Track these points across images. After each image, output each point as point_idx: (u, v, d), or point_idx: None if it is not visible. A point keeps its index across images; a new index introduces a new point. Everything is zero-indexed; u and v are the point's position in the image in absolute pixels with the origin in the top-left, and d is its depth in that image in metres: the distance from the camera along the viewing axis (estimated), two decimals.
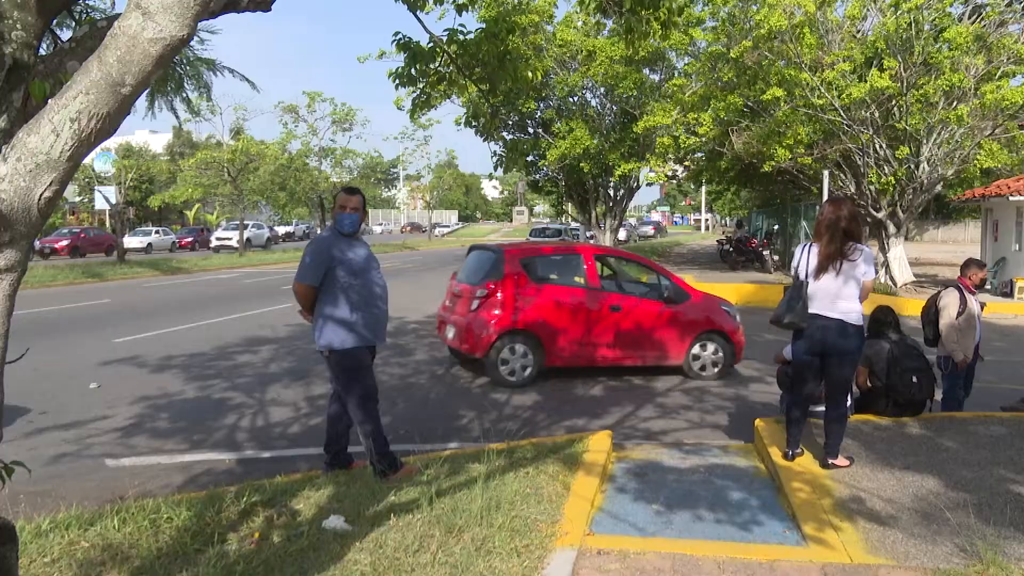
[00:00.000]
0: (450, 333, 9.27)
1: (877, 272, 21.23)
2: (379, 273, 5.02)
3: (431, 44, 5.58)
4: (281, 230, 56.93)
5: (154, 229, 45.11)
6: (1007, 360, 10.62)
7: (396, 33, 5.66)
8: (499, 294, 8.80)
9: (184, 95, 7.14)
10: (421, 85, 5.91)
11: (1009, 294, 18.97)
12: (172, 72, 6.25)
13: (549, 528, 3.99)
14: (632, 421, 7.43)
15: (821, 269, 4.96)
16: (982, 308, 7.00)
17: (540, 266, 9.42)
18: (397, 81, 5.87)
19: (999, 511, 4.18)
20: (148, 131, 63.49)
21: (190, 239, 45.98)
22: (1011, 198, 19.45)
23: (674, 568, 3.62)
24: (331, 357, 4.89)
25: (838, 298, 4.94)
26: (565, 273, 9.60)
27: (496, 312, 8.75)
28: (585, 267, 9.39)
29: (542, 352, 8.87)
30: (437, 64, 5.72)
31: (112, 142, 46.62)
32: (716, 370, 9.27)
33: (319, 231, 36.12)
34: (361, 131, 57.78)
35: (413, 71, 5.62)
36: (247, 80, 19.08)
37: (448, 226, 60.66)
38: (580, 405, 8.05)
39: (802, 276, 5.06)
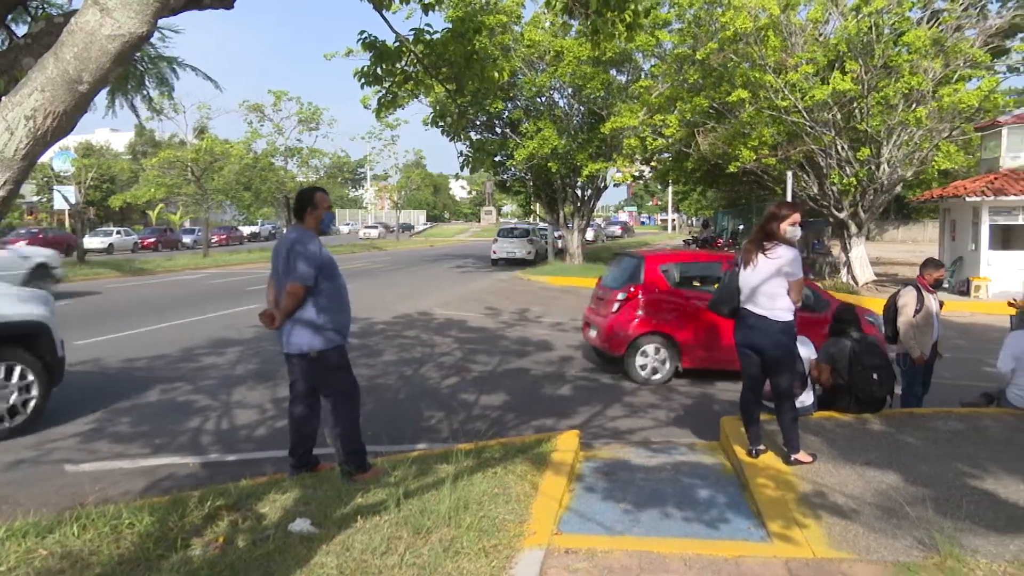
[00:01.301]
0: (592, 333, 9.80)
1: (838, 271, 21.63)
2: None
3: (397, 43, 5.55)
4: (246, 230, 56.36)
5: (115, 229, 44.39)
6: (965, 357, 10.86)
7: (362, 32, 5.62)
8: (639, 297, 9.24)
9: (145, 93, 7.02)
10: (387, 84, 5.87)
11: (966, 293, 19.40)
12: (133, 70, 6.15)
13: (517, 528, 3.99)
14: (600, 420, 7.47)
15: (744, 263, 5.13)
16: (940, 306, 7.16)
17: (679, 272, 9.70)
18: (363, 80, 5.82)
19: (956, 505, 4.27)
20: (109, 129, 62.27)
21: (153, 239, 45.37)
22: (967, 199, 19.89)
23: (641, 566, 3.64)
24: (317, 359, 4.85)
25: (761, 294, 5.08)
26: (704, 279, 9.92)
27: (636, 314, 9.20)
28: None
29: (678, 354, 9.16)
30: (403, 63, 5.69)
31: (71, 140, 45.77)
32: None
33: (284, 231, 35.90)
34: (328, 130, 57.55)
35: (379, 70, 5.58)
36: (210, 79, 18.83)
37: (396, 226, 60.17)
38: (548, 405, 8.07)
39: (737, 268, 5.22)
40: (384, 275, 25.84)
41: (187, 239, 47.86)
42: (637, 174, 30.27)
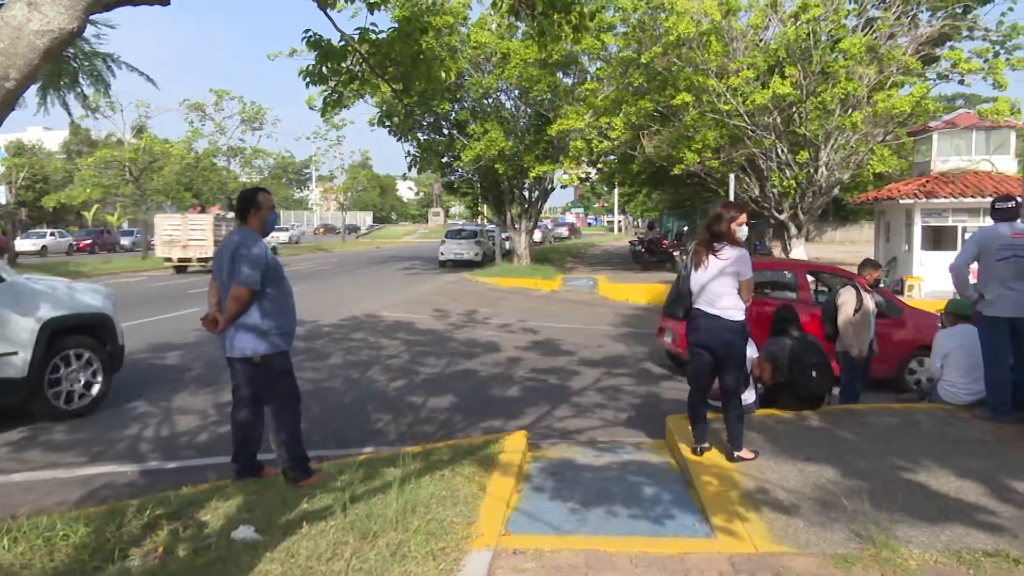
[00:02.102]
0: (668, 338, 9.72)
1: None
2: None
3: (342, 43, 5.49)
4: None
5: (49, 231, 42.95)
6: None
7: (306, 30, 5.55)
8: None
9: (79, 90, 6.80)
10: (333, 84, 5.80)
11: (900, 292, 20.04)
12: (65, 66, 5.96)
13: (465, 530, 3.99)
14: (548, 421, 7.50)
15: (696, 265, 5.19)
16: (877, 306, 7.39)
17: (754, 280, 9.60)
18: (308, 79, 5.75)
19: (891, 497, 4.40)
20: (42, 128, 60.06)
21: (89, 241, 44.02)
22: (901, 201, 20.57)
23: (588, 565, 3.67)
24: (261, 364, 4.77)
25: (711, 293, 5.17)
26: (779, 287, 10.00)
27: None
28: (798, 282, 9.75)
29: None
30: (349, 63, 5.63)
31: (0, 138, 44.06)
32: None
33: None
34: (272, 130, 56.66)
35: (324, 69, 5.51)
36: (146, 77, 18.39)
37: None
38: (497, 406, 8.07)
39: (687, 270, 5.30)
40: (330, 277, 25.53)
41: (125, 241, 46.56)
42: (584, 176, 30.49)
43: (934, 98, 22.18)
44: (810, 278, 10.18)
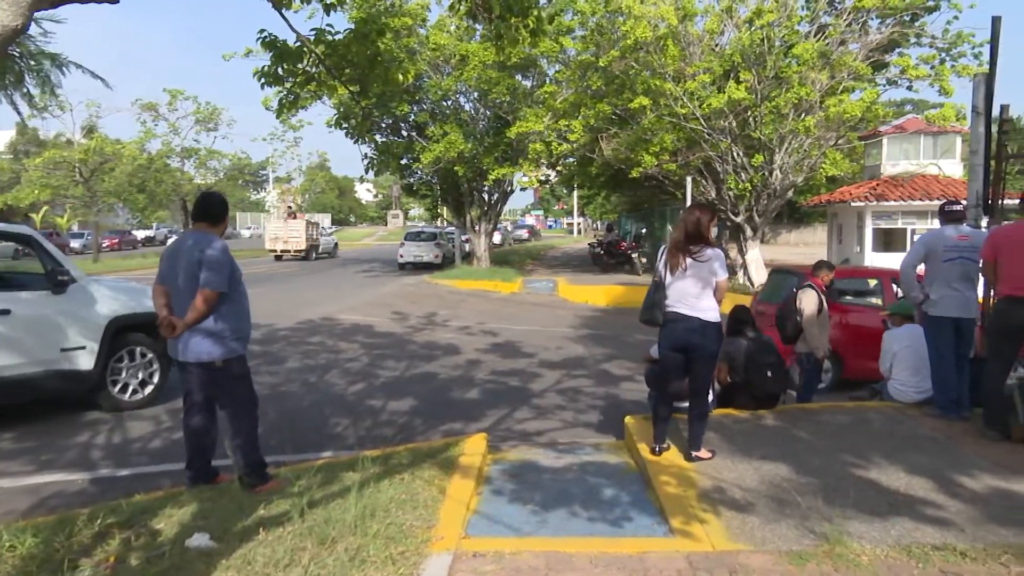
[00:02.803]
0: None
1: (735, 273, 22.45)
2: None
3: (298, 43, 5.43)
4: (141, 234, 53.92)
5: None
6: None
7: (261, 31, 5.47)
8: None
9: (25, 90, 6.62)
10: (288, 85, 5.73)
11: None
12: (10, 65, 5.80)
13: (425, 533, 3.97)
14: (508, 423, 7.51)
15: (672, 268, 5.20)
16: (829, 306, 7.55)
17: (839, 288, 9.61)
18: (263, 80, 5.66)
19: (844, 494, 4.50)
20: None
21: None
22: (852, 204, 21.07)
23: (548, 566, 3.68)
24: (220, 369, 4.71)
25: (691, 296, 5.18)
26: (863, 294, 10.04)
27: None
28: (883, 288, 9.79)
29: (840, 366, 9.13)
30: (305, 64, 5.57)
31: None
32: None
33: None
34: (227, 131, 55.65)
35: (280, 71, 5.44)
36: (97, 76, 17.94)
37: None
38: (456, 409, 8.06)
39: (660, 275, 5.30)
40: (287, 280, 25.22)
41: (75, 243, 45.30)
42: (543, 178, 30.57)
43: (884, 103, 22.67)
44: (895, 287, 10.27)
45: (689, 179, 20.06)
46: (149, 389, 7.85)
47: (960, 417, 6.19)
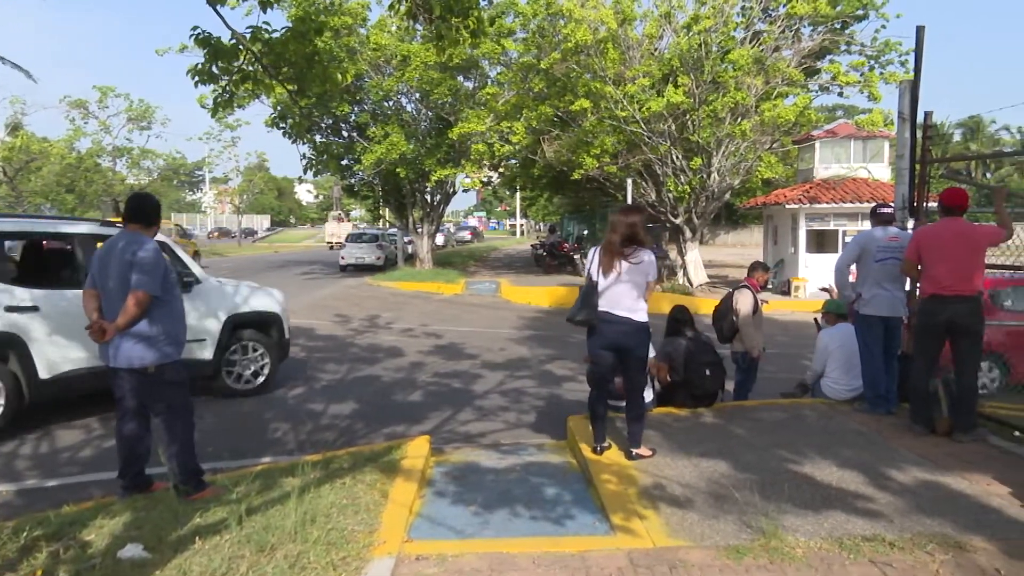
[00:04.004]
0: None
1: (675, 274, 22.83)
2: None
3: (233, 41, 5.32)
4: None
5: None
6: (786, 352, 11.77)
7: (195, 27, 5.34)
8: None
9: None
10: (224, 83, 5.61)
11: (787, 292, 21.05)
12: None
13: (367, 538, 3.93)
14: (451, 425, 7.49)
15: (606, 271, 5.26)
16: (762, 306, 7.74)
17: (1001, 295, 9.53)
18: (197, 78, 5.53)
19: (779, 488, 4.61)
20: None
21: None
22: (787, 206, 21.62)
23: (491, 567, 3.68)
24: (155, 375, 4.58)
25: (624, 298, 5.25)
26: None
27: None
28: None
29: (1007, 371, 9.05)
30: (241, 62, 5.46)
31: None
32: None
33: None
34: (161, 130, 54.08)
35: (215, 68, 5.32)
36: (21, 70, 17.25)
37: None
38: (399, 411, 8.00)
39: (593, 277, 5.35)
40: None
41: None
42: (485, 180, 30.65)
43: (816, 108, 23.42)
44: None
45: (630, 181, 20.36)
46: (260, 379, 8.60)
47: (888, 412, 6.41)
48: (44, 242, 8.48)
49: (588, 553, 3.83)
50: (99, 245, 8.09)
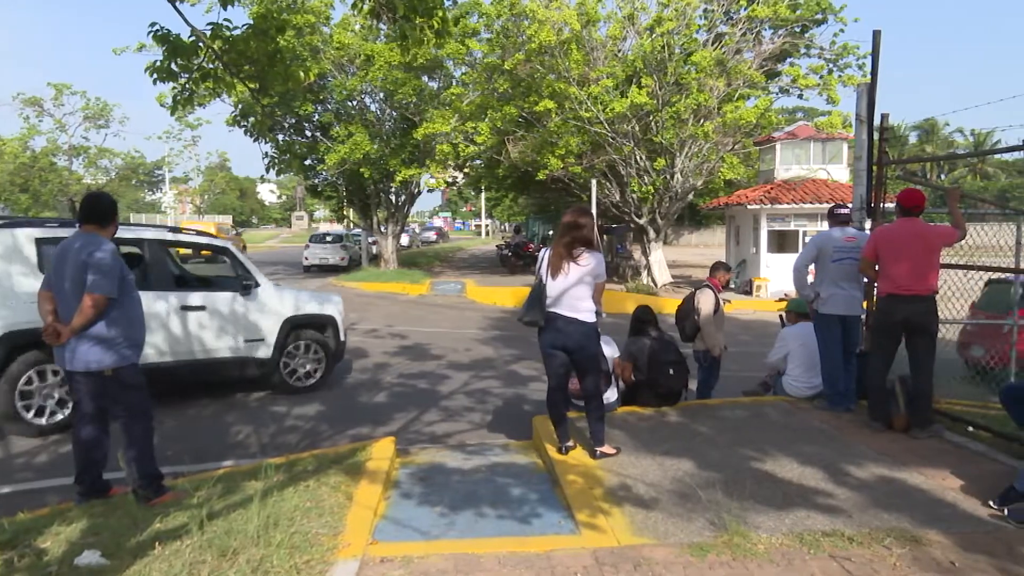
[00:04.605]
0: (977, 352, 9.39)
1: (639, 274, 22.99)
2: None
3: (193, 38, 5.24)
4: None
5: None
6: (748, 351, 11.90)
7: (152, 24, 5.24)
8: None
9: None
10: (183, 81, 5.51)
11: (749, 292, 21.32)
12: None
13: (331, 541, 3.90)
14: (417, 426, 7.45)
15: (555, 272, 5.29)
16: (724, 305, 7.83)
17: None
18: (156, 76, 5.43)
19: (742, 486, 4.67)
20: None
21: None
22: (749, 207, 21.91)
23: (457, 568, 3.67)
24: (111, 378, 4.49)
25: (572, 298, 5.28)
26: None
27: None
28: None
29: None
30: (201, 60, 5.37)
31: None
32: None
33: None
34: (119, 129, 53.05)
35: (174, 66, 5.23)
36: None
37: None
38: (364, 413, 7.95)
39: (542, 278, 5.38)
40: None
41: None
42: (450, 180, 30.56)
43: (777, 110, 23.75)
44: None
45: (594, 182, 20.45)
46: (315, 378, 8.97)
47: (847, 409, 6.53)
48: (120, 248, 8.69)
49: (554, 552, 3.84)
50: (180, 251, 9.40)
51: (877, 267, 5.98)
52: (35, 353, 6.73)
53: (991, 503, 4.32)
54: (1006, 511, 4.19)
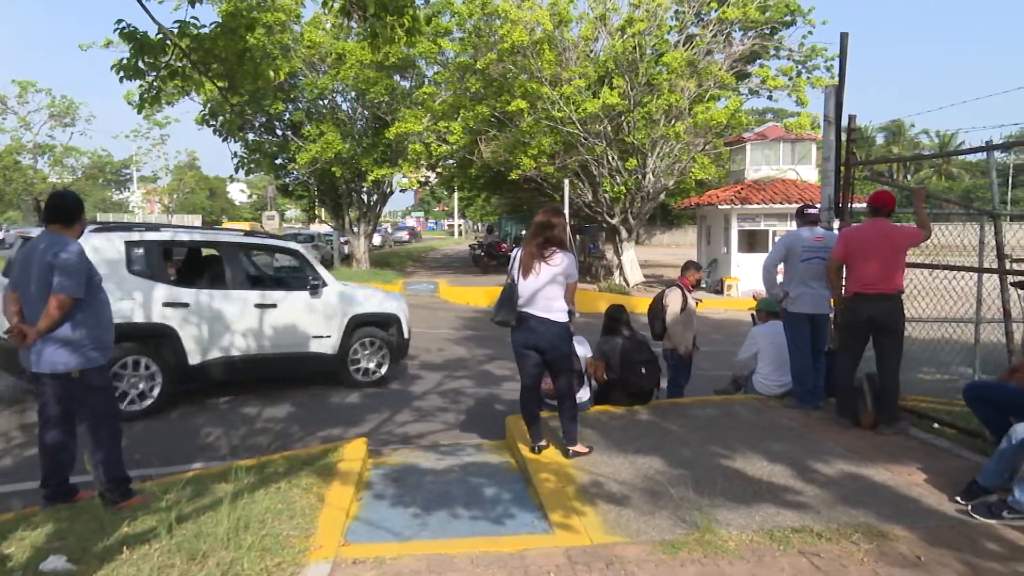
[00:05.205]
0: None
1: (611, 273, 23.09)
2: None
3: (160, 35, 5.17)
4: None
5: None
6: (719, 350, 11.99)
7: (119, 21, 5.16)
8: None
9: None
10: (151, 79, 5.44)
11: (720, 291, 21.52)
12: None
13: (302, 543, 3.87)
14: (389, 427, 7.42)
15: (526, 271, 5.31)
16: (696, 304, 7.89)
17: None
18: (122, 74, 5.34)
19: (712, 483, 4.71)
20: None
21: None
22: (720, 207, 22.11)
23: (429, 569, 3.66)
24: (78, 380, 4.41)
25: (544, 298, 5.31)
26: None
27: None
28: None
29: None
30: (168, 57, 5.30)
31: None
32: None
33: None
34: (86, 127, 52.15)
35: (141, 63, 5.15)
36: None
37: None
38: (336, 414, 7.90)
39: (514, 278, 5.39)
40: None
41: None
42: (423, 180, 30.44)
43: (747, 111, 24.00)
44: None
45: (567, 182, 20.50)
46: (380, 373, 9.26)
47: (816, 407, 6.62)
48: (201, 250, 9.45)
49: (527, 552, 3.85)
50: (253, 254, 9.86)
51: (844, 268, 6.07)
52: None
53: (958, 499, 4.41)
54: (970, 506, 4.27)
